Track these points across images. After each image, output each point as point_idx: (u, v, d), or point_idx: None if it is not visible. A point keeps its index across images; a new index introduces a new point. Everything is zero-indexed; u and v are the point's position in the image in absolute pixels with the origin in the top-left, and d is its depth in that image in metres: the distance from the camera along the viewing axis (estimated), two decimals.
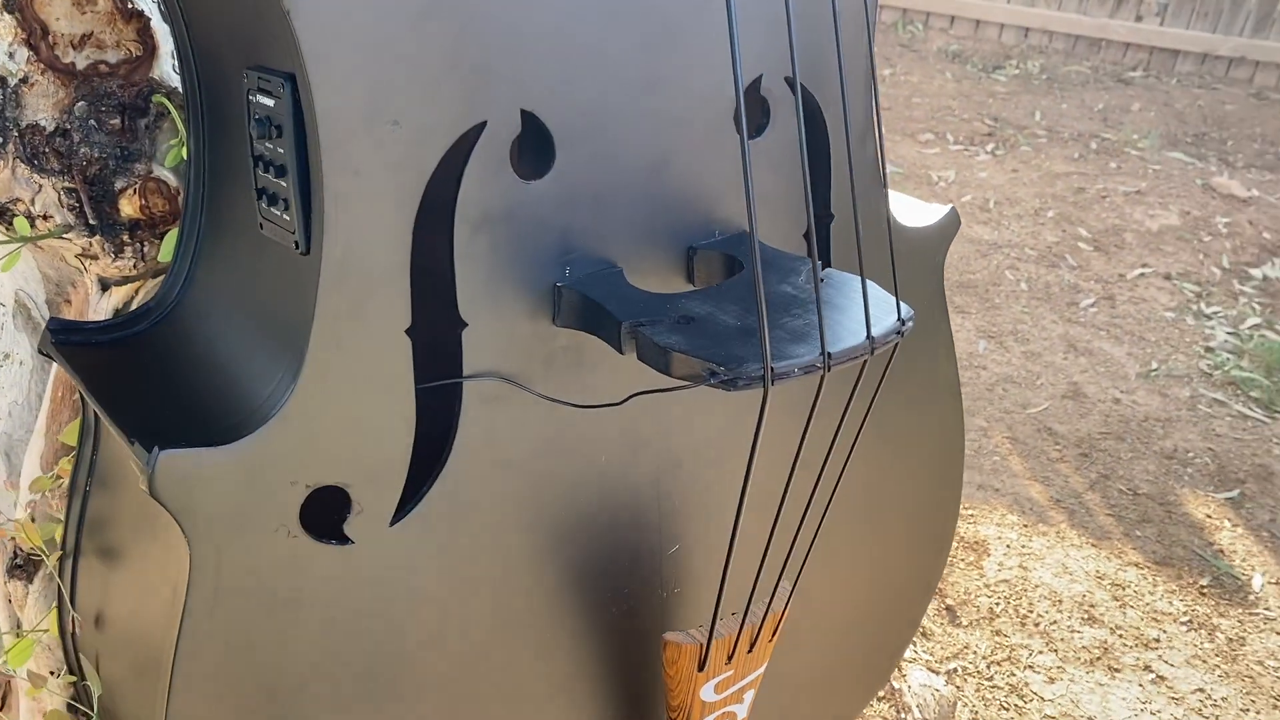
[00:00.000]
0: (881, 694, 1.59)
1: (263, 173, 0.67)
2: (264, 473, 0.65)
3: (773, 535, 0.73)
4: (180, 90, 0.83)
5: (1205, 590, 1.98)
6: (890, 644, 1.17)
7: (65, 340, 0.76)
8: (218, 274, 0.77)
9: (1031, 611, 1.89)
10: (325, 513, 0.70)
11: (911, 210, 0.95)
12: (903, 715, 1.59)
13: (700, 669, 0.78)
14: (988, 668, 1.76)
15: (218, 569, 0.66)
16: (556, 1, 0.66)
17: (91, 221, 0.82)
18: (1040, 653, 1.80)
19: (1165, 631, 1.88)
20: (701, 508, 0.87)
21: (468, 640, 0.79)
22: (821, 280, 0.73)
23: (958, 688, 1.71)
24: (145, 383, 0.75)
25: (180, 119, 0.82)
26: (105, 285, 0.93)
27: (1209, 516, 2.19)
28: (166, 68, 0.83)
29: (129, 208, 0.84)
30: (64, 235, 0.85)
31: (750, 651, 0.80)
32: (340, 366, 0.66)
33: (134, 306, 0.94)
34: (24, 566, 0.97)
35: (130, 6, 0.82)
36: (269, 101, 0.65)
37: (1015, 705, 1.70)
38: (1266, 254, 3.31)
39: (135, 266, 0.88)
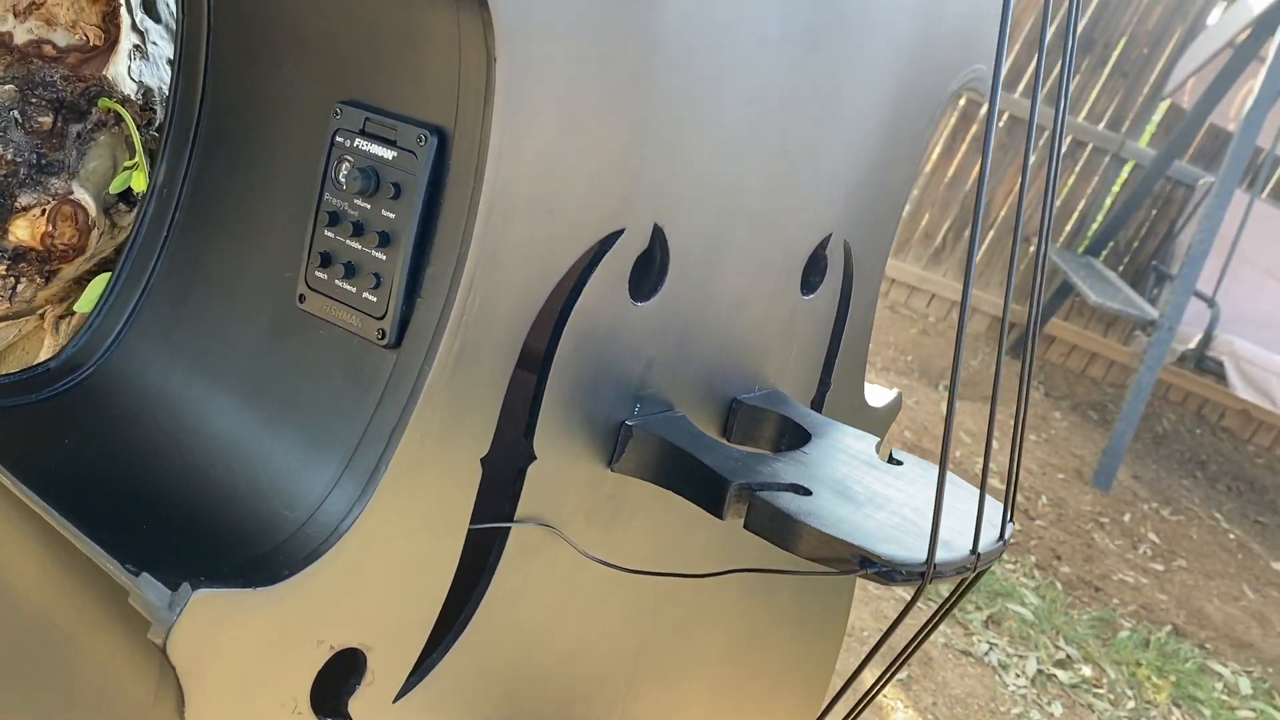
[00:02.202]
0: None
1: (344, 237, 0.52)
2: (297, 626, 0.49)
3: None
4: (134, 98, 0.65)
5: None
6: None
7: None
8: (177, 341, 0.59)
9: None
10: (324, 684, 0.53)
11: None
12: None
13: None
14: None
15: None
16: (720, 113, 0.58)
17: None
18: None
19: None
20: (665, 686, 0.77)
21: None
22: (900, 463, 0.68)
23: None
24: (58, 478, 0.54)
25: (138, 135, 0.63)
26: None
27: (885, 697, 2.32)
28: (122, 69, 0.64)
29: (25, 231, 0.63)
30: None
31: None
32: (412, 493, 0.51)
33: None
34: None
35: None
36: (384, 153, 0.51)
37: None
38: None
39: None
